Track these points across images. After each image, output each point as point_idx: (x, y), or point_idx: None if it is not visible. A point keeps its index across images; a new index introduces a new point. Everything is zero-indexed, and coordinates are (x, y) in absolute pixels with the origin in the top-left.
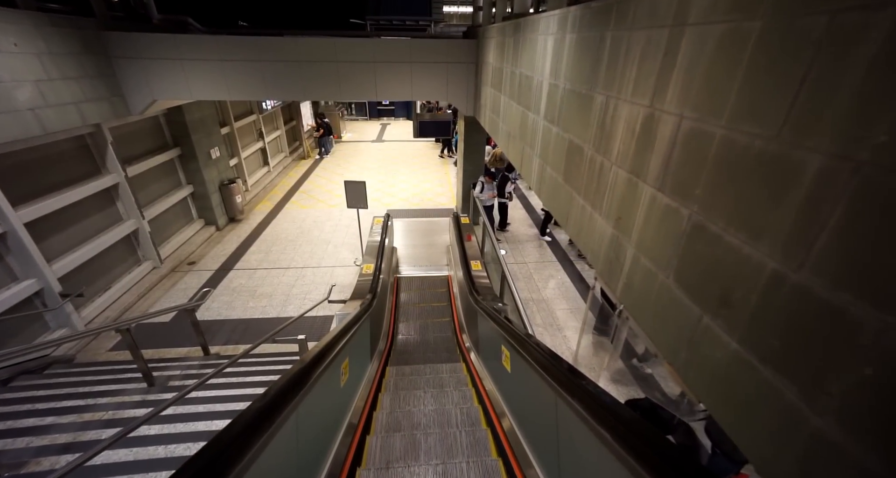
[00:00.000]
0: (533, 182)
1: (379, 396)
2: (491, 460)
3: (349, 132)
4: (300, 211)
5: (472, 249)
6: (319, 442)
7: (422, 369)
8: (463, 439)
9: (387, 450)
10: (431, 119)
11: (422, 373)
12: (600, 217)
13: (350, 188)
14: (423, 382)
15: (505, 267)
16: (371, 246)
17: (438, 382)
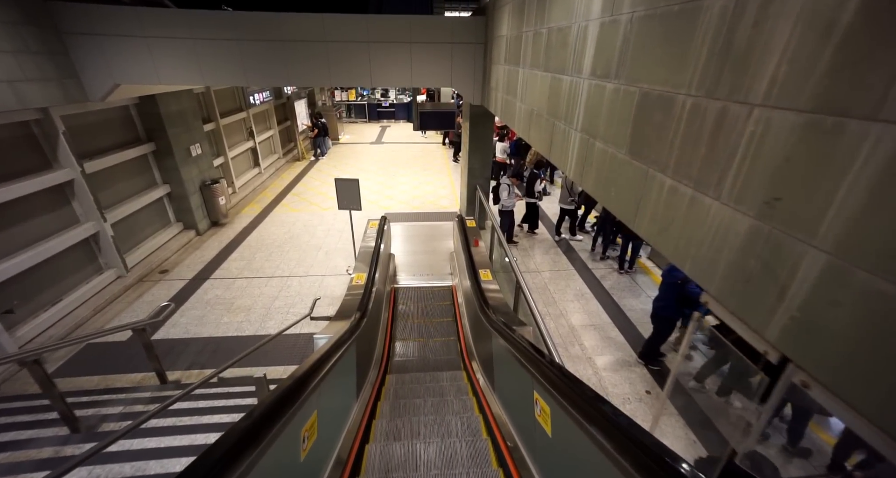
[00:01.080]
0: (571, 166)
1: (366, 447)
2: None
3: (347, 134)
4: (290, 214)
5: (480, 256)
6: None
7: (421, 405)
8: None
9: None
10: (433, 109)
11: (421, 410)
12: (716, 201)
13: (342, 187)
14: (424, 427)
15: (520, 277)
16: (364, 252)
17: (444, 427)
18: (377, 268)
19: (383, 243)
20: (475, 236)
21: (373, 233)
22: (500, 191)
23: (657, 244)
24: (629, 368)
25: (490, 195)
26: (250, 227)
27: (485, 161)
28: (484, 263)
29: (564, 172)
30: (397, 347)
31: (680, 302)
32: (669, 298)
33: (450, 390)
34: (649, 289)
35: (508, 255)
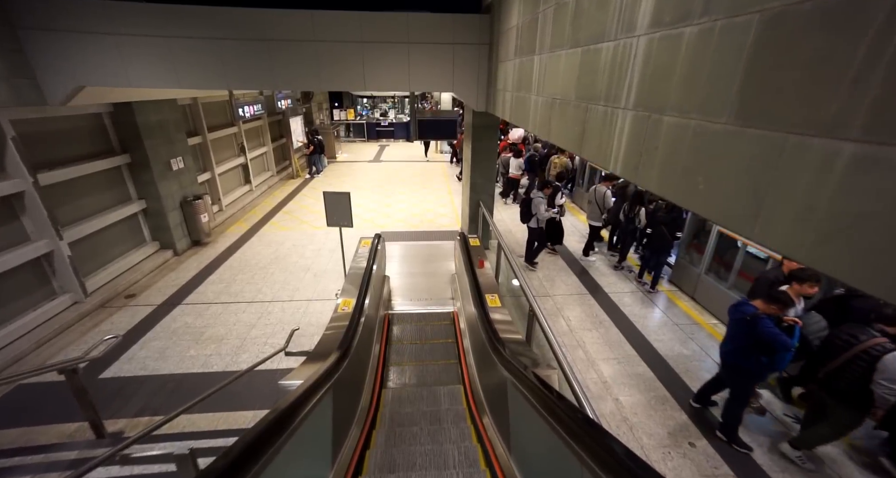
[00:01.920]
0: (617, 159)
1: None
2: None
3: (345, 153)
4: (279, 233)
5: (486, 279)
6: None
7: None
8: None
9: None
10: (433, 117)
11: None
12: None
13: (331, 201)
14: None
15: (537, 309)
16: (354, 274)
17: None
18: (368, 292)
19: (376, 264)
20: (480, 256)
21: (365, 252)
22: (536, 205)
23: (819, 261)
24: (663, 409)
25: (519, 211)
26: (234, 246)
27: (488, 176)
28: (491, 287)
29: (607, 167)
30: (388, 393)
31: (755, 346)
32: (740, 340)
33: (452, 455)
34: (675, 316)
35: (520, 278)
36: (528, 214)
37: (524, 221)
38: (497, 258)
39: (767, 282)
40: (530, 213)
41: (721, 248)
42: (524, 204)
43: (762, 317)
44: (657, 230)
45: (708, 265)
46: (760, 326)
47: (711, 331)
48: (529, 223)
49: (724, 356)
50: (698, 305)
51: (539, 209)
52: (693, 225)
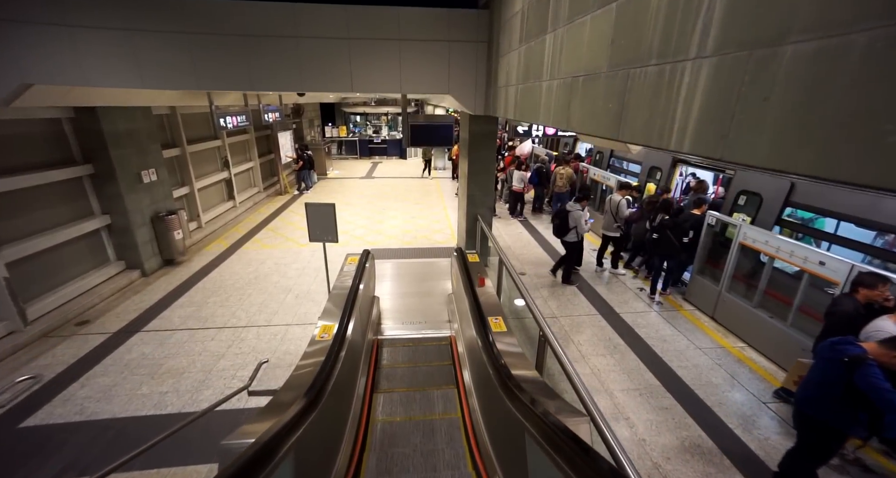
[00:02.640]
0: (685, 129)
1: None
2: None
3: (336, 169)
4: (261, 251)
5: (488, 299)
6: None
7: None
8: None
9: None
10: (427, 122)
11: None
12: None
13: (314, 213)
14: None
15: (547, 330)
16: (338, 295)
17: None
18: (352, 316)
19: (364, 284)
20: (480, 274)
21: (351, 270)
22: (576, 218)
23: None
24: (700, 453)
25: (549, 224)
26: (211, 266)
27: (486, 188)
28: (493, 308)
29: (666, 146)
30: (373, 451)
31: (849, 399)
32: (830, 388)
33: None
34: (697, 339)
35: (526, 298)
36: (564, 228)
37: (560, 235)
38: (498, 276)
39: (846, 317)
40: (567, 227)
41: (743, 262)
42: (558, 217)
43: (870, 362)
44: (662, 235)
45: (729, 282)
46: (863, 373)
47: (740, 356)
48: (566, 238)
49: (801, 404)
50: (720, 327)
51: (580, 222)
52: (709, 235)
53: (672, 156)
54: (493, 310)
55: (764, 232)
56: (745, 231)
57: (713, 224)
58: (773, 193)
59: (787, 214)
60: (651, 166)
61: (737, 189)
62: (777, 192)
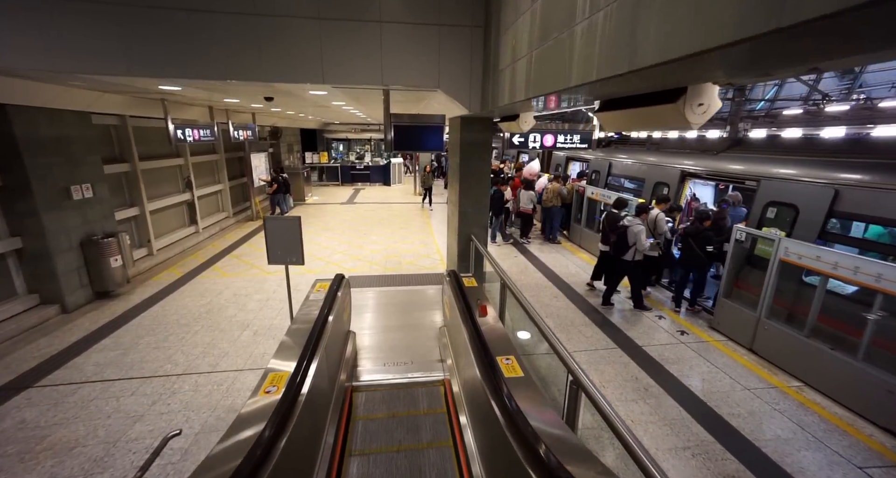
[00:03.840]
0: None
1: None
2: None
3: (315, 196)
4: (219, 280)
5: (493, 332)
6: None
7: None
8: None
9: None
10: (413, 122)
11: None
12: None
13: (274, 229)
14: None
15: (581, 376)
16: (297, 331)
17: None
18: (314, 357)
19: (335, 315)
20: (480, 300)
21: (319, 299)
22: (635, 234)
23: None
24: None
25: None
26: (155, 298)
27: (480, 204)
28: (502, 344)
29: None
30: None
31: None
32: None
33: None
34: (739, 376)
35: (545, 332)
36: (623, 246)
37: (618, 254)
38: (501, 305)
39: None
40: (626, 244)
41: (785, 283)
42: (614, 233)
43: None
44: (685, 243)
45: (769, 307)
46: None
47: (800, 399)
48: (625, 256)
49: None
50: (763, 361)
51: (640, 239)
52: (737, 252)
53: (680, 170)
54: (501, 346)
55: (813, 246)
56: (786, 246)
57: (742, 239)
58: (811, 203)
59: (831, 225)
60: (656, 182)
61: (764, 201)
62: (817, 200)
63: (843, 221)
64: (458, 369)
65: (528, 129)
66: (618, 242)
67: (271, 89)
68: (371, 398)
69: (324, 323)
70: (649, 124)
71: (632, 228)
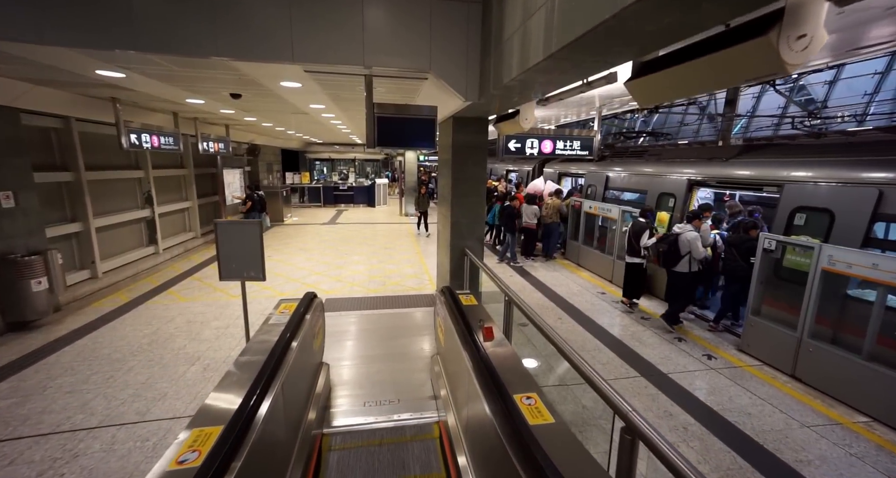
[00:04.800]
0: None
1: None
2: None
3: (294, 216)
4: (173, 306)
5: (503, 360)
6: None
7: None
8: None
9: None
10: (399, 114)
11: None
12: None
13: (228, 237)
14: None
15: (640, 422)
16: (247, 364)
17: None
18: (263, 403)
19: (301, 343)
20: (483, 321)
21: (281, 322)
22: (689, 241)
23: None
24: None
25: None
26: (89, 328)
27: (475, 214)
28: (520, 378)
29: None
30: None
31: None
32: None
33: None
34: (794, 411)
35: (577, 361)
36: (674, 256)
37: (669, 265)
38: (505, 329)
39: None
40: (677, 254)
41: (828, 297)
42: (664, 242)
43: None
44: (727, 253)
45: (813, 326)
46: None
47: (877, 440)
48: (676, 268)
49: None
50: (810, 389)
51: (695, 245)
52: (766, 263)
53: (688, 179)
54: (518, 380)
55: (868, 253)
56: (829, 254)
57: (772, 248)
58: (851, 207)
59: (877, 230)
60: (661, 193)
61: (790, 207)
62: (859, 203)
63: (892, 224)
64: (457, 409)
65: (529, 126)
66: (668, 252)
67: (236, 78)
68: (345, 458)
69: (283, 353)
70: (709, 81)
71: (684, 236)
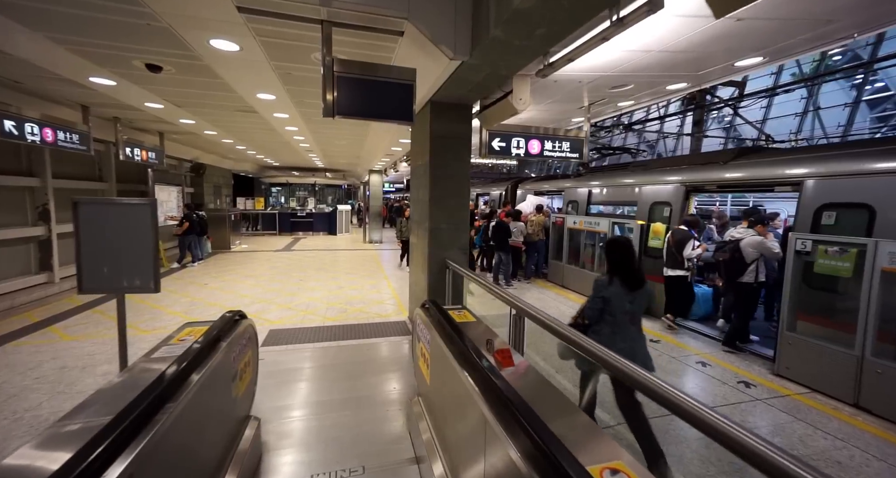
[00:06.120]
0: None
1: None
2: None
3: (244, 244)
4: (48, 347)
5: (545, 403)
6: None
7: None
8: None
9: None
10: (367, 74)
11: None
12: None
13: (91, 222)
14: None
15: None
16: (66, 435)
17: None
18: None
19: (202, 386)
20: (491, 340)
21: (170, 356)
22: (756, 245)
23: None
24: None
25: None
26: None
27: (457, 219)
28: (587, 435)
29: None
30: None
31: None
32: None
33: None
34: (855, 440)
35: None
36: (738, 266)
37: (733, 276)
38: (515, 348)
39: None
40: (743, 262)
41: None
42: (726, 250)
43: None
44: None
45: (873, 342)
46: None
47: None
48: (743, 278)
49: None
50: (887, 422)
51: (766, 246)
52: (798, 268)
53: (684, 185)
54: (581, 437)
55: None
56: (890, 251)
57: (807, 249)
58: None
59: None
60: (654, 202)
61: (815, 205)
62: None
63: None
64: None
65: (524, 108)
66: (729, 262)
67: (145, 25)
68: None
69: (153, 408)
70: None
71: (747, 241)
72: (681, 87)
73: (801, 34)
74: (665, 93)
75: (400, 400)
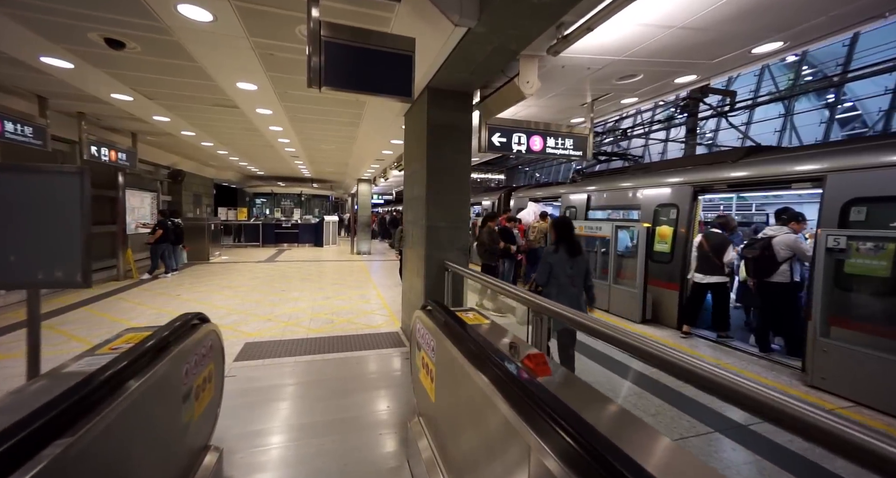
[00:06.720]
0: None
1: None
2: None
3: (225, 256)
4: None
5: (606, 423)
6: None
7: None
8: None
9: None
10: (356, 41)
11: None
12: None
13: (4, 197)
14: None
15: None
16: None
17: None
18: None
19: (131, 408)
20: (516, 344)
21: (82, 372)
22: (788, 246)
23: None
24: None
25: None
26: None
27: (456, 217)
28: (671, 460)
29: None
30: None
31: None
32: None
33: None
34: None
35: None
36: (769, 264)
37: (763, 276)
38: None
39: None
40: (774, 260)
41: None
42: (756, 247)
43: None
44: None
45: None
46: None
47: None
48: (773, 277)
49: None
50: None
51: (799, 249)
52: (830, 268)
53: (692, 186)
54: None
55: None
56: None
57: (841, 246)
58: None
59: None
60: (659, 205)
61: (841, 200)
62: None
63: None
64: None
65: (532, 91)
66: (759, 261)
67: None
68: None
69: (34, 444)
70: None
71: (780, 238)
72: (689, 80)
73: (824, 13)
74: (671, 87)
75: (394, 421)
